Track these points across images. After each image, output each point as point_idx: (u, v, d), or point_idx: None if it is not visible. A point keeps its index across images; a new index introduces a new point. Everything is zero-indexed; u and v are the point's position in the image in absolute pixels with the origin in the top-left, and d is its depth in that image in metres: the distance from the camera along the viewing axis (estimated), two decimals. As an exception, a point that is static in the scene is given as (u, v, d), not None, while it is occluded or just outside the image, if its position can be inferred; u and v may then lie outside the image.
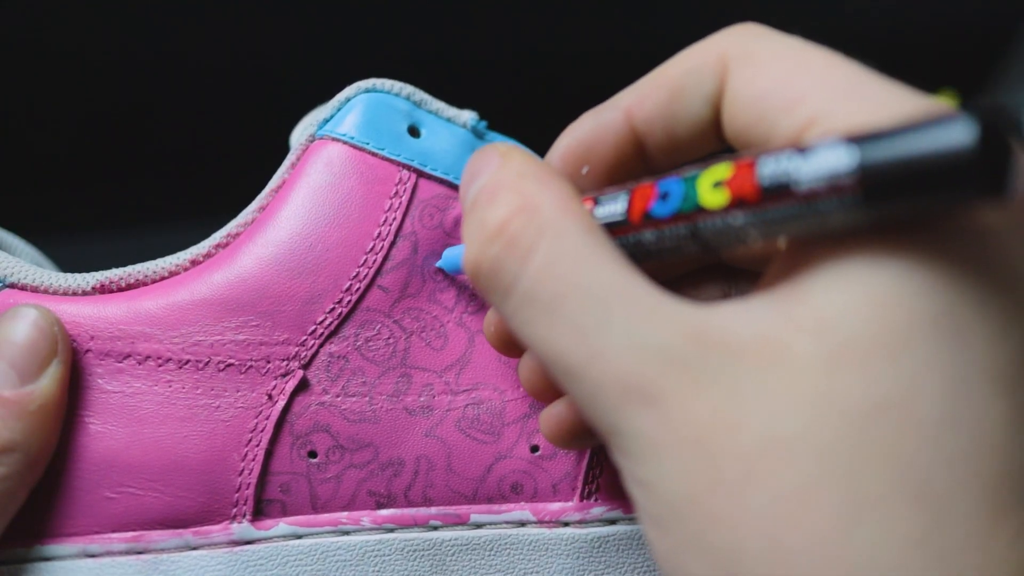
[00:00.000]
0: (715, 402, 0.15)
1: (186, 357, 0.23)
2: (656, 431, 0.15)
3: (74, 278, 0.24)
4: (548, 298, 0.16)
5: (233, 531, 0.23)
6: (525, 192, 0.17)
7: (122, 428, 0.23)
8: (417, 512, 0.24)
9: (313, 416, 0.23)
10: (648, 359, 0.15)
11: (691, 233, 0.17)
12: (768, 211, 0.15)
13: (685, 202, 0.17)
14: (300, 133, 0.26)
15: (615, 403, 0.16)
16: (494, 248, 0.17)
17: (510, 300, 0.17)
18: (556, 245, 0.16)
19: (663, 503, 0.16)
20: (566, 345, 0.16)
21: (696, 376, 0.15)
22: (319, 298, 0.23)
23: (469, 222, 0.18)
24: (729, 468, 0.15)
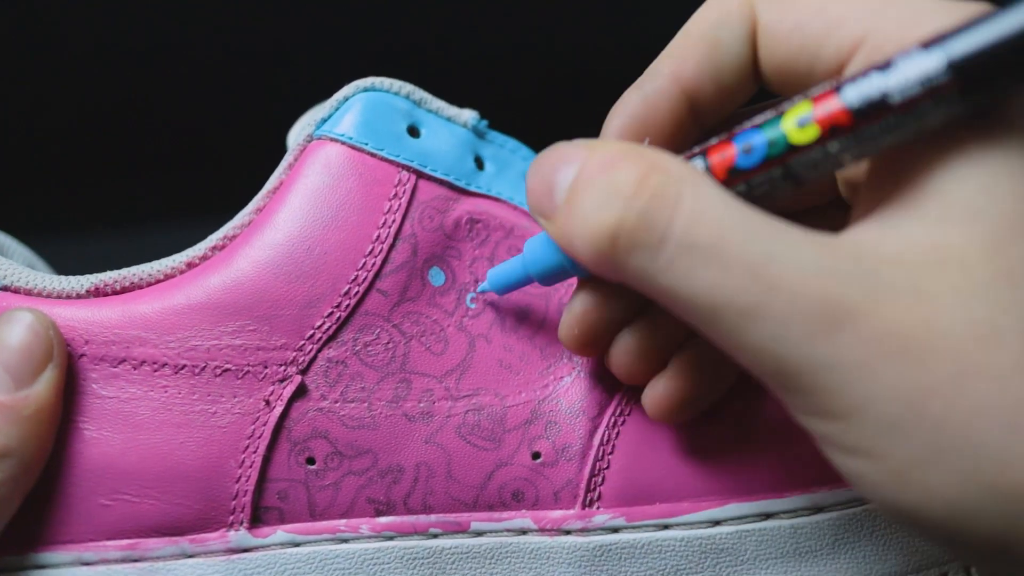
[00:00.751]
0: (903, 308, 0.15)
1: (182, 362, 0.23)
2: (856, 351, 0.15)
3: (68, 281, 0.24)
4: (709, 241, 0.16)
5: (230, 539, 0.23)
6: (646, 156, 0.18)
7: (117, 434, 0.23)
8: (417, 520, 0.24)
9: (311, 422, 0.23)
10: (828, 282, 0.16)
11: (784, 174, 0.18)
12: (864, 130, 0.17)
13: (772, 147, 0.18)
14: (297, 133, 0.26)
15: (804, 333, 0.16)
16: (638, 203, 0.17)
17: (663, 253, 0.17)
18: (700, 193, 0.17)
19: (874, 426, 0.15)
20: (738, 285, 0.16)
21: (878, 290, 0.16)
22: (317, 302, 0.23)
23: (585, 196, 0.18)
24: (941, 368, 0.15)
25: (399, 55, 0.42)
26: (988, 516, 0.15)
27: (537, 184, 0.19)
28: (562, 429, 0.24)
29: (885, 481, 0.16)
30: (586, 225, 0.18)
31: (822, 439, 0.17)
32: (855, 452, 0.16)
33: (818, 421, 0.16)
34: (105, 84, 0.43)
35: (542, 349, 0.25)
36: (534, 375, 0.24)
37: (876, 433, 0.16)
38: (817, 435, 0.17)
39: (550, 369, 0.24)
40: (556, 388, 0.24)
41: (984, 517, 0.15)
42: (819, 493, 0.24)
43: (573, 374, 0.24)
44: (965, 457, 0.15)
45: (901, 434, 0.15)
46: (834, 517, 0.24)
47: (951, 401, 0.15)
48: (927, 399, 0.15)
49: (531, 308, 0.25)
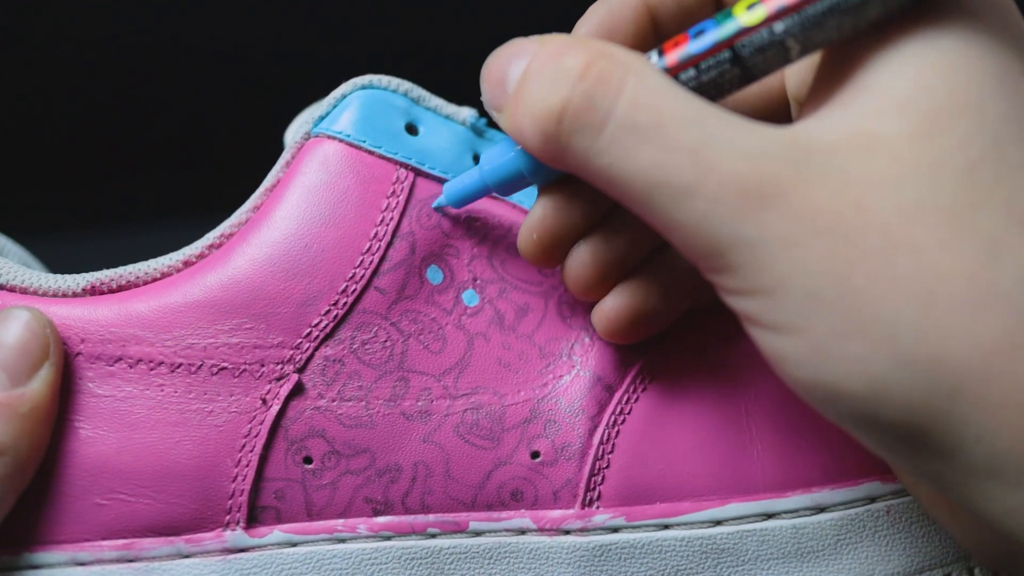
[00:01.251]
0: (832, 190, 0.16)
1: (178, 360, 0.23)
2: (783, 227, 0.16)
3: (64, 279, 0.24)
4: (649, 123, 0.17)
5: (226, 539, 0.23)
6: (595, 44, 0.18)
7: (113, 433, 0.23)
8: (415, 519, 0.24)
9: (308, 421, 0.23)
10: (761, 163, 0.17)
11: (732, 58, 0.18)
12: (808, 11, 0.17)
13: (722, 30, 0.18)
14: (295, 131, 0.26)
15: (734, 211, 0.16)
16: (583, 85, 0.18)
17: (604, 134, 0.17)
18: (643, 79, 0.18)
19: (797, 300, 0.16)
20: (674, 165, 0.17)
21: (807, 172, 0.16)
22: (314, 300, 0.23)
23: (533, 82, 0.19)
24: (866, 242, 0.16)
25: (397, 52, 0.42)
26: (904, 389, 0.16)
27: (490, 76, 0.20)
28: (561, 428, 0.24)
29: (806, 356, 0.16)
30: (534, 108, 0.18)
31: (748, 320, 0.17)
32: (778, 328, 0.17)
33: (744, 299, 0.17)
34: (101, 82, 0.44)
35: (541, 347, 0.25)
36: (533, 373, 0.24)
37: (799, 306, 0.16)
38: (744, 315, 0.18)
39: (549, 368, 0.24)
40: (555, 387, 0.24)
41: (900, 390, 0.16)
42: (821, 492, 0.24)
43: (572, 372, 0.24)
44: (883, 328, 0.16)
45: (823, 306, 0.16)
46: (836, 517, 0.24)
47: (873, 274, 0.16)
48: (850, 272, 0.16)
49: (530, 306, 0.25)
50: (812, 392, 0.17)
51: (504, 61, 0.20)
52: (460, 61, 0.44)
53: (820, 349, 0.16)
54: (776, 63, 0.18)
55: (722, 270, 0.17)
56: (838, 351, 0.16)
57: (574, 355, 0.25)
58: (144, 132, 0.45)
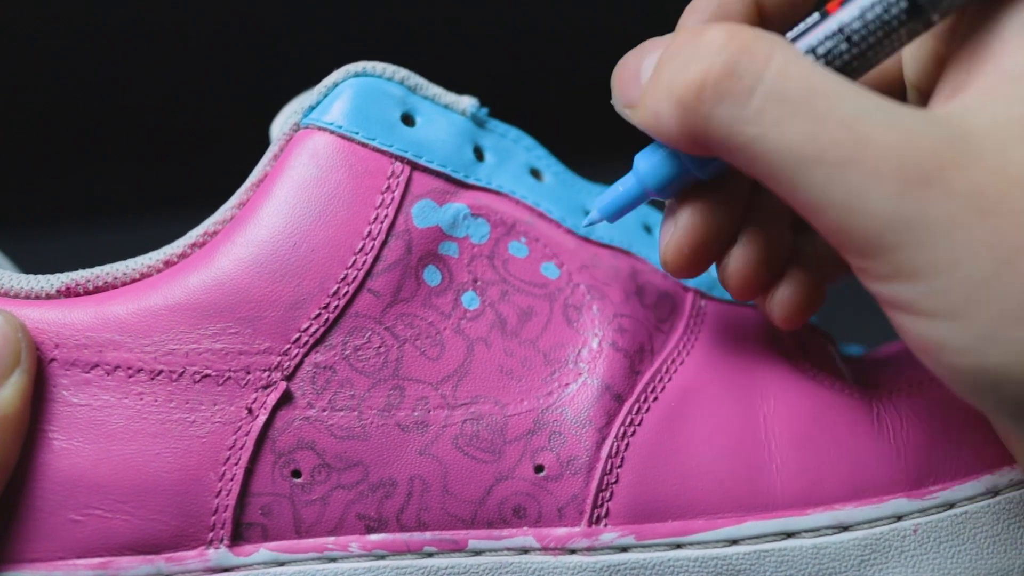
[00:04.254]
0: (995, 170, 0.17)
1: (159, 367, 0.23)
2: (948, 206, 0.16)
3: (37, 280, 0.24)
4: (801, 93, 0.17)
5: (209, 557, 0.23)
6: (733, 24, 0.19)
7: (89, 444, 0.23)
8: (410, 537, 0.24)
9: (297, 432, 0.23)
10: (920, 139, 0.17)
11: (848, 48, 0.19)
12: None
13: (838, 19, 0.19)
14: (283, 122, 0.26)
15: (894, 187, 0.17)
16: (726, 52, 0.18)
17: (751, 103, 0.18)
18: (789, 53, 0.18)
19: (963, 283, 0.17)
20: (830, 137, 0.17)
21: (968, 153, 0.17)
22: (304, 303, 0.23)
23: (672, 62, 0.19)
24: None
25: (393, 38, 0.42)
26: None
27: (621, 75, 0.21)
28: (567, 440, 0.24)
29: (970, 343, 0.17)
30: (672, 86, 0.19)
31: (900, 307, 0.18)
32: (938, 315, 0.17)
33: (899, 285, 0.17)
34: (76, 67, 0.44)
35: (546, 354, 0.25)
36: (537, 382, 0.24)
37: (965, 292, 0.17)
38: (895, 302, 0.18)
39: (554, 375, 0.25)
40: (561, 396, 0.24)
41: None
42: (844, 510, 0.24)
43: (579, 381, 0.24)
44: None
45: (992, 291, 0.16)
46: (860, 536, 0.24)
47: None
48: (1018, 255, 0.16)
49: (534, 310, 0.25)
50: (975, 380, 0.17)
51: (636, 57, 0.20)
52: (460, 46, 0.44)
53: (987, 335, 0.17)
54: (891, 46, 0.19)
55: (876, 253, 0.17)
56: (1007, 336, 0.16)
57: (581, 362, 0.25)
58: (122, 121, 0.45)
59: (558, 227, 0.26)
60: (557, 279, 0.25)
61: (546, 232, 0.26)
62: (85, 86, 0.44)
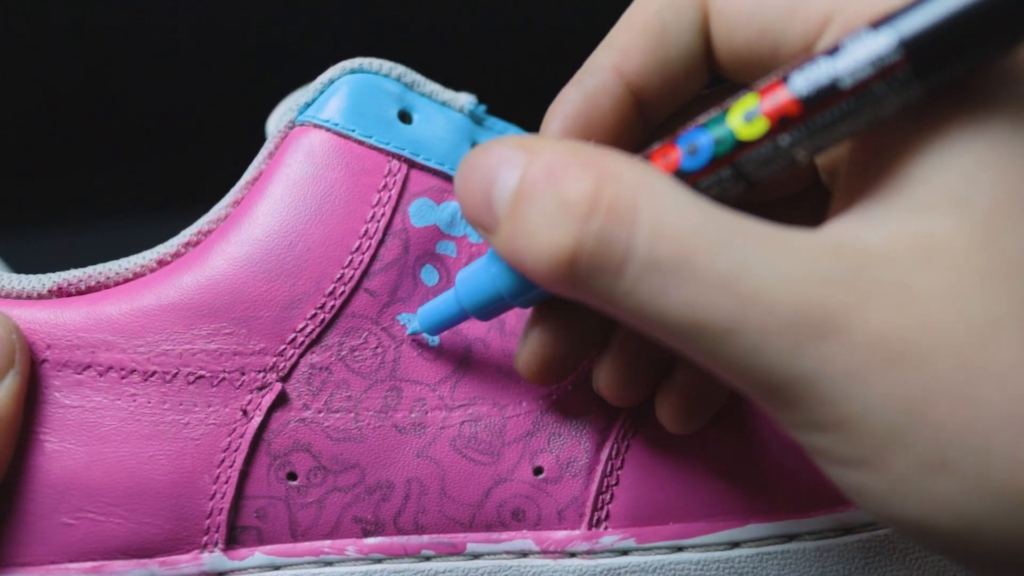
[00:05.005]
0: (894, 310, 0.16)
1: (152, 368, 0.23)
2: (845, 359, 0.16)
3: (28, 279, 0.24)
4: (674, 258, 0.16)
5: (204, 561, 0.23)
6: (595, 163, 0.17)
7: (81, 447, 0.23)
8: (408, 541, 0.24)
9: (292, 434, 0.23)
10: (808, 288, 0.16)
11: (734, 174, 0.18)
12: (815, 120, 0.17)
13: (719, 145, 0.18)
14: (278, 119, 0.26)
15: (787, 345, 0.16)
16: (595, 223, 0.17)
17: (626, 275, 0.17)
18: (658, 203, 0.17)
19: (872, 436, 0.16)
20: (711, 301, 0.16)
21: (863, 292, 0.16)
22: (299, 303, 0.23)
23: (531, 212, 0.17)
24: (940, 371, 0.15)
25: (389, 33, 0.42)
26: (998, 524, 0.15)
27: (471, 193, 0.19)
28: (567, 442, 0.24)
29: (886, 492, 0.16)
30: (538, 246, 0.17)
31: (816, 453, 0.17)
32: (852, 464, 0.16)
33: (810, 434, 0.17)
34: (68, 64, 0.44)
35: (545, 355, 0.25)
36: (536, 383, 0.24)
37: (874, 443, 0.16)
38: (811, 449, 0.17)
39: (554, 376, 0.25)
40: (561, 397, 0.24)
41: (994, 525, 0.15)
42: (847, 512, 0.24)
43: (579, 381, 0.24)
44: (971, 463, 0.15)
45: (901, 443, 0.16)
46: (864, 539, 0.24)
47: (953, 405, 0.15)
48: (927, 404, 0.15)
49: (533, 310, 0.25)
50: (898, 527, 0.17)
51: (485, 174, 0.18)
52: (458, 42, 0.44)
53: (902, 486, 0.16)
54: (783, 169, 0.18)
55: (780, 406, 0.17)
56: (922, 488, 0.16)
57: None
58: (114, 118, 0.45)
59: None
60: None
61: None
62: (76, 84, 0.44)
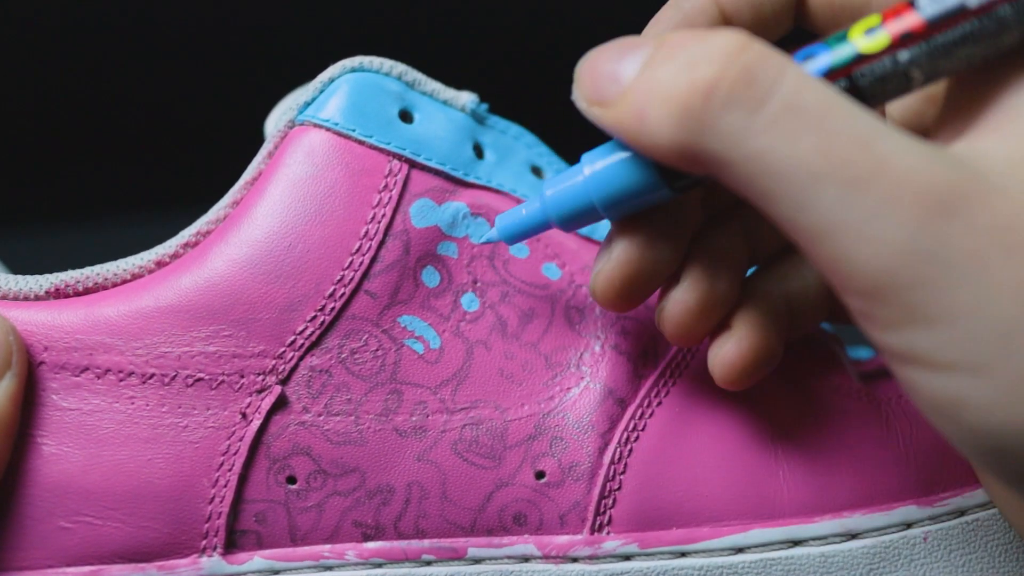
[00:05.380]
0: (1019, 207, 0.16)
1: (150, 371, 0.23)
2: (971, 240, 0.15)
3: (25, 280, 0.24)
4: (817, 106, 0.16)
5: (202, 566, 0.23)
6: (744, 34, 0.18)
7: (79, 450, 0.23)
8: (408, 545, 0.24)
9: (292, 437, 0.23)
10: (940, 169, 0.16)
11: (848, 87, 0.18)
12: (938, 40, 0.17)
13: (837, 57, 0.18)
14: (278, 118, 0.26)
15: (913, 215, 0.16)
16: (744, 57, 0.17)
17: (764, 111, 0.17)
18: (801, 70, 0.17)
19: (985, 331, 0.15)
20: (846, 155, 0.16)
21: (990, 186, 0.16)
22: (299, 305, 0.23)
23: (671, 60, 0.18)
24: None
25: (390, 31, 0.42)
26: None
27: (593, 69, 0.19)
28: (569, 445, 0.24)
29: (994, 400, 0.15)
30: (672, 88, 0.17)
31: (912, 359, 0.16)
32: (957, 367, 0.16)
33: (912, 332, 0.16)
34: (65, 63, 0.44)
35: (547, 357, 0.25)
36: (538, 386, 0.24)
37: (989, 340, 0.15)
38: (906, 354, 0.16)
39: (556, 379, 0.24)
40: (563, 400, 0.24)
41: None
42: (852, 518, 0.24)
43: (581, 385, 0.24)
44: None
45: (1018, 340, 0.15)
46: (869, 544, 0.24)
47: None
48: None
49: (535, 312, 0.25)
50: (998, 442, 0.16)
51: (613, 52, 0.19)
52: (459, 40, 0.44)
53: (1014, 390, 0.15)
54: (896, 92, 0.18)
55: (886, 292, 0.16)
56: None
57: (583, 365, 0.25)
58: (112, 118, 0.45)
59: (560, 227, 0.26)
60: (559, 280, 0.25)
61: (547, 232, 0.26)
62: (73, 83, 0.44)
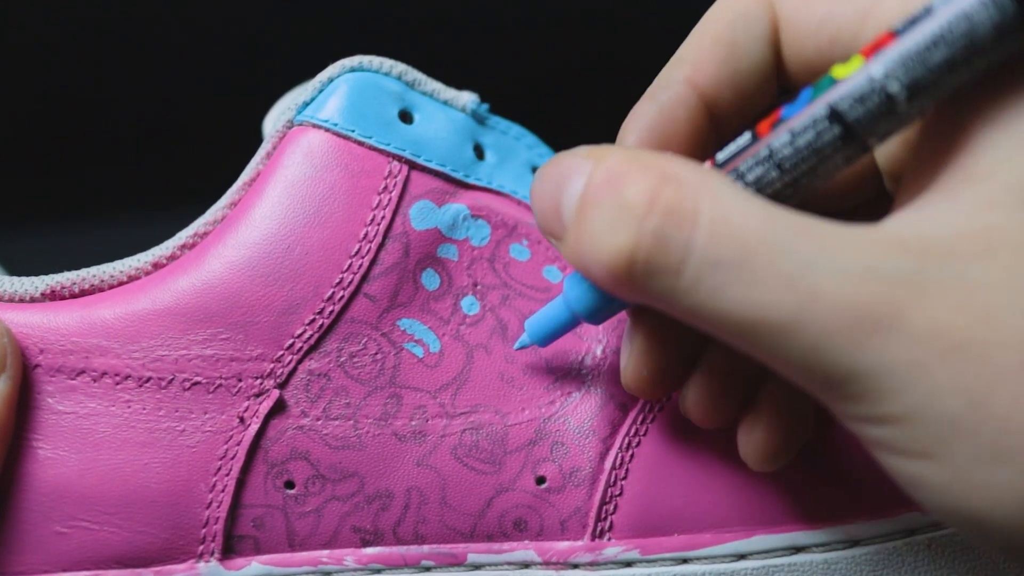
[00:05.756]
0: (955, 303, 0.16)
1: (147, 374, 0.23)
2: (908, 351, 0.16)
3: (21, 282, 0.24)
4: (735, 255, 0.17)
5: (199, 571, 0.23)
6: (655, 166, 0.18)
7: (75, 454, 0.23)
8: (407, 551, 0.24)
9: (290, 442, 0.23)
10: (869, 283, 0.16)
11: (828, 112, 0.18)
12: (907, 47, 0.17)
13: (817, 88, 0.18)
14: (276, 118, 0.26)
15: (850, 340, 0.16)
16: (651, 222, 0.17)
17: (685, 274, 0.17)
18: (719, 204, 0.17)
19: (935, 426, 0.16)
20: (772, 299, 0.16)
21: (923, 286, 0.16)
22: (297, 308, 0.23)
23: (594, 217, 0.18)
24: (1004, 361, 0.16)
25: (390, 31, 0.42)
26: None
27: (543, 202, 0.19)
28: (570, 451, 0.24)
29: (947, 484, 0.16)
30: (598, 248, 0.18)
31: (876, 444, 0.17)
32: (913, 455, 0.17)
33: (872, 427, 0.17)
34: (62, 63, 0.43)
35: (548, 361, 0.25)
36: (539, 390, 0.24)
37: (937, 433, 0.16)
38: (871, 440, 0.17)
39: (557, 383, 0.24)
40: (564, 405, 0.24)
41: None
42: (854, 524, 0.24)
43: (583, 389, 0.24)
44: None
45: (964, 433, 0.16)
46: (872, 551, 0.23)
47: (1016, 396, 0.16)
48: (989, 395, 0.16)
49: (536, 315, 0.25)
50: (956, 520, 0.17)
51: (555, 184, 0.19)
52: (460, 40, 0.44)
53: (963, 476, 0.16)
54: (883, 119, 0.18)
55: (842, 399, 0.17)
56: (985, 478, 0.16)
57: (584, 370, 0.24)
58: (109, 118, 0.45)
59: (561, 229, 0.26)
60: (560, 283, 0.25)
61: (548, 234, 0.26)
62: (68, 82, 0.44)
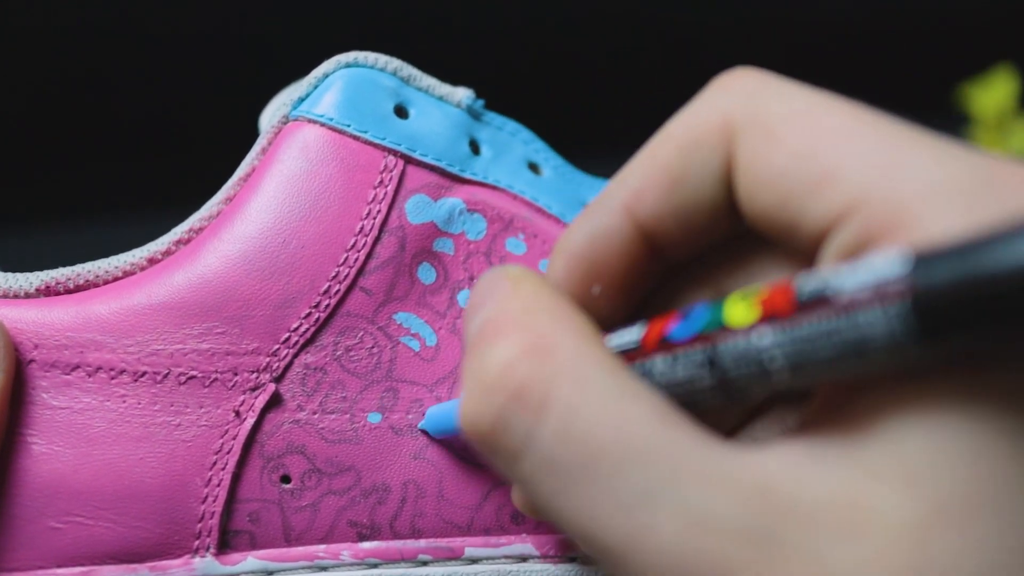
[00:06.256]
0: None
1: (142, 369, 0.23)
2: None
3: (15, 278, 0.24)
4: (575, 463, 0.15)
5: (195, 566, 0.23)
6: (535, 328, 0.16)
7: (69, 449, 0.23)
8: (404, 545, 0.24)
9: (286, 436, 0.23)
10: (710, 535, 0.15)
11: (708, 360, 0.16)
12: (801, 327, 0.15)
13: (709, 323, 0.16)
14: (272, 114, 0.26)
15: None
16: (495, 400, 0.16)
17: (521, 465, 0.16)
18: (577, 395, 0.15)
19: None
20: (604, 520, 0.15)
21: (770, 550, 0.14)
22: (293, 302, 0.23)
23: (468, 365, 0.17)
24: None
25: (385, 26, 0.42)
26: None
27: (467, 312, 0.18)
28: (567, 444, 0.24)
29: None
30: (462, 398, 0.17)
31: None
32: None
33: None
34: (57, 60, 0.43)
35: (545, 355, 0.25)
36: (536, 384, 0.24)
37: None
38: None
39: (554, 377, 0.24)
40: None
41: None
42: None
43: (579, 383, 0.24)
44: None
45: None
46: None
47: None
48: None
49: (532, 309, 0.25)
50: None
51: (479, 297, 0.18)
52: (455, 36, 0.44)
53: None
54: (759, 384, 0.16)
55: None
56: None
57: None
58: (104, 114, 0.45)
59: (557, 222, 0.26)
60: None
61: (545, 228, 0.26)
62: (64, 78, 0.44)
